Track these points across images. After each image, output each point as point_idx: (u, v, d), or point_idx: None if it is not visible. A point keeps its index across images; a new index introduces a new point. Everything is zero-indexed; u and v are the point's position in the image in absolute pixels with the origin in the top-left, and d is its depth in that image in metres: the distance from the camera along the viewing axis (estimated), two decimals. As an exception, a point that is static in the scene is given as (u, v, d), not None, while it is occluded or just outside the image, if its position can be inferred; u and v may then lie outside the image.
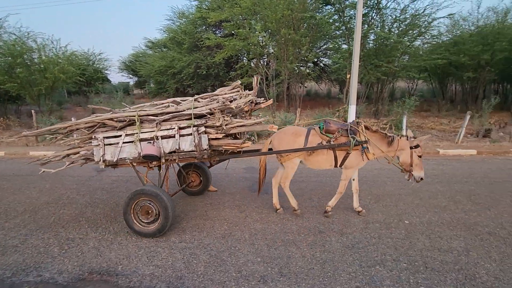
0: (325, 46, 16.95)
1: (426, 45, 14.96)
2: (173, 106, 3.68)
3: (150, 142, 3.40)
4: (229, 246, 3.27)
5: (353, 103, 8.94)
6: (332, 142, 3.71)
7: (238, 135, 3.89)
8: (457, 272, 2.76)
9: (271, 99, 4.37)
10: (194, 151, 3.42)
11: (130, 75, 28.51)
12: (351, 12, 12.88)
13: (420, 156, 3.74)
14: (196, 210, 4.31)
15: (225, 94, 3.82)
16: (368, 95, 17.28)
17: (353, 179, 4.07)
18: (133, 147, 3.47)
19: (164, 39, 19.17)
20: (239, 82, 4.10)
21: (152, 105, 3.91)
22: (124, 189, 5.33)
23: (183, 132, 3.41)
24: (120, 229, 3.76)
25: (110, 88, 21.65)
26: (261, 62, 14.74)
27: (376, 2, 12.59)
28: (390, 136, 3.79)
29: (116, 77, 49.62)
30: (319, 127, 3.86)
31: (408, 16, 12.72)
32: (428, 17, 12.62)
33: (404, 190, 4.96)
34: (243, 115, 3.90)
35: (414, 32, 13.35)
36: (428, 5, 12.67)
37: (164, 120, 3.47)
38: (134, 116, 3.47)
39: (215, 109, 3.38)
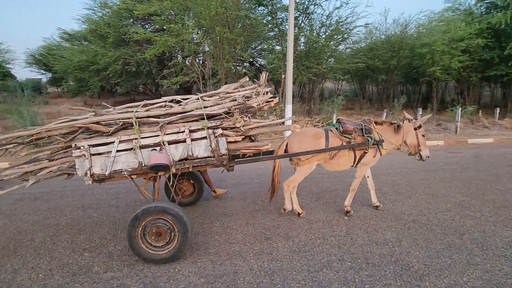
0: (260, 47, 17.14)
1: (348, 50, 16.37)
2: (175, 105, 3.12)
3: (155, 149, 2.84)
4: (167, 269, 2.83)
5: (289, 103, 9.13)
6: (352, 143, 3.63)
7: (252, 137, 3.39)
8: (394, 264, 2.87)
9: (277, 97, 3.58)
10: (211, 157, 2.98)
11: (42, 71, 24.42)
12: (283, 15, 13.24)
13: (423, 136, 3.87)
14: (125, 229, 3.70)
15: (239, 91, 3.34)
16: (301, 94, 18.15)
17: (368, 176, 4.08)
18: (132, 156, 2.89)
19: (84, 31, 16.80)
20: (246, 78, 3.68)
21: (144, 105, 3.19)
22: (32, 210, 4.33)
23: (195, 135, 2.94)
24: (21, 265, 2.96)
25: (15, 86, 18.09)
26: (197, 61, 14.10)
27: (305, 7, 13.15)
28: (395, 123, 3.88)
29: (23, 72, 42.21)
30: (336, 128, 3.72)
31: (333, 22, 13.66)
32: (350, 24, 13.78)
33: (340, 186, 5.16)
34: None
35: (339, 37, 14.41)
36: (349, 14, 13.82)
37: (169, 123, 2.94)
38: (130, 119, 2.89)
39: (234, 109, 2.98)
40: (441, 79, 14.61)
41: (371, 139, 3.65)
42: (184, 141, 2.94)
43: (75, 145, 2.81)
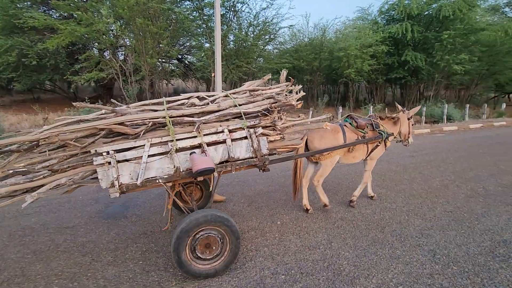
0: (188, 44, 16.22)
1: (276, 50, 16.77)
2: (198, 103, 2.86)
3: (195, 152, 2.57)
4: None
5: (219, 102, 8.70)
6: (366, 137, 3.82)
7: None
8: (326, 270, 2.75)
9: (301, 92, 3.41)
10: (252, 157, 2.80)
11: None
12: (210, 12, 12.68)
13: (413, 125, 4.34)
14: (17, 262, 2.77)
15: (271, 89, 3.18)
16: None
17: (366, 170, 4.22)
18: (166, 161, 2.54)
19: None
20: (269, 75, 3.49)
21: (168, 101, 2.82)
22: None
23: (235, 135, 2.73)
24: None
25: None
26: (118, 55, 12.47)
27: (231, 4, 12.85)
28: (395, 116, 4.20)
29: None
30: (350, 124, 3.87)
31: (260, 22, 13.71)
32: (276, 25, 14.05)
33: (273, 187, 5.00)
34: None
35: (266, 37, 14.58)
36: (275, 15, 14.12)
37: (204, 123, 2.67)
38: (162, 118, 2.56)
39: (274, 107, 2.87)
40: (355, 80, 16.17)
41: (384, 133, 3.91)
42: (224, 142, 2.71)
43: (96, 151, 2.35)
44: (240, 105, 2.87)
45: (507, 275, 2.61)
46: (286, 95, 3.14)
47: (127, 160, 2.44)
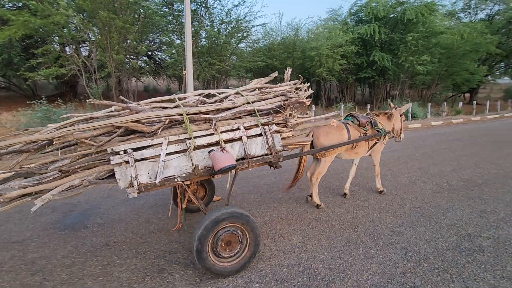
0: (159, 40, 15.54)
1: (249, 49, 16.59)
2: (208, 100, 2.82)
3: (214, 150, 2.55)
4: None
5: (191, 100, 8.35)
6: (367, 134, 3.98)
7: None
8: (301, 274, 2.65)
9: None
10: (267, 154, 2.85)
11: None
12: (181, 7, 12.20)
13: (404, 121, 4.57)
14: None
15: (280, 86, 3.25)
16: (205, 91, 17.49)
17: (355, 164, 4.47)
18: (184, 159, 2.50)
19: None
20: (276, 73, 3.56)
21: (178, 98, 2.76)
22: None
23: (250, 132, 2.76)
24: None
25: None
26: (81, 50, 11.57)
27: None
28: (388, 112, 4.43)
29: None
30: (352, 122, 4.04)
31: (233, 20, 13.46)
32: (248, 23, 13.87)
33: (247, 188, 4.84)
34: None
35: (239, 35, 14.36)
36: (247, 12, 13.92)
37: (220, 120, 2.67)
38: (180, 115, 2.51)
39: (287, 104, 2.93)
40: (327, 79, 16.47)
41: (383, 131, 4.12)
42: (240, 139, 2.71)
43: (112, 149, 2.27)
44: (252, 102, 2.87)
45: (473, 270, 2.68)
46: (296, 93, 3.19)
47: (144, 159, 2.37)
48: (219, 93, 2.98)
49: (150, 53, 17.06)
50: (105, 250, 3.02)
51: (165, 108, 2.62)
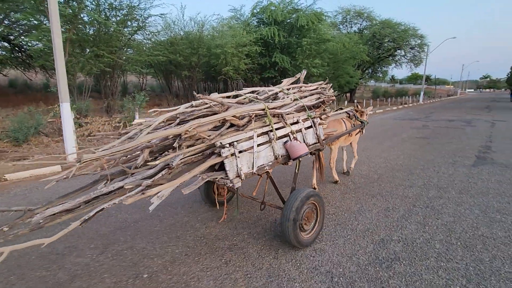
0: (26, 23, 11.75)
1: (148, 41, 14.52)
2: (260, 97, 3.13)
3: (289, 140, 2.90)
4: None
5: (66, 100, 6.30)
6: (355, 125, 4.75)
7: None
8: None
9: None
10: (316, 142, 3.32)
11: None
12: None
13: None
14: None
15: (311, 86, 3.66)
16: (98, 89, 14.51)
17: (344, 150, 5.43)
18: (269, 150, 2.74)
19: None
20: (304, 72, 3.91)
21: (235, 96, 3.04)
22: None
23: (305, 124, 3.18)
24: None
25: None
26: None
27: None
28: (362, 109, 5.06)
29: None
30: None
31: (124, 6, 11.33)
32: (144, 11, 11.98)
33: (139, 215, 3.68)
34: None
35: (134, 24, 12.30)
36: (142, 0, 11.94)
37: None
38: (263, 110, 2.70)
39: (325, 100, 3.46)
40: (234, 78, 16.11)
41: (365, 122, 4.89)
42: (300, 130, 3.08)
43: (221, 143, 2.35)
44: (300, 99, 3.23)
45: (397, 285, 2.45)
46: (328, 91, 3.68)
47: (244, 151, 2.52)
48: (268, 91, 3.28)
49: (12, 37, 12.89)
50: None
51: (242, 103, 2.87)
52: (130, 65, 12.97)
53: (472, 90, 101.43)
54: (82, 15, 10.49)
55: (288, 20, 17.27)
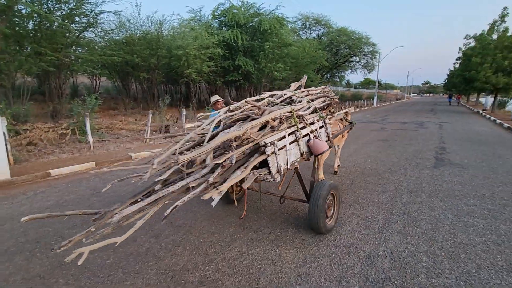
0: None
1: (101, 40, 13.14)
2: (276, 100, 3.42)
3: (311, 138, 3.20)
4: None
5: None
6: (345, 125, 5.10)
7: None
8: None
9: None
10: (327, 140, 3.61)
11: None
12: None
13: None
14: None
15: (316, 89, 4.14)
16: (42, 91, 12.71)
17: (338, 148, 5.74)
18: (296, 148, 3.04)
19: None
20: (305, 77, 4.39)
21: (257, 100, 3.18)
22: None
23: (319, 124, 3.47)
24: None
25: None
26: None
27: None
28: (347, 109, 5.46)
29: None
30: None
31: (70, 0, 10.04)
32: (94, 7, 10.76)
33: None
34: None
35: (83, 20, 10.99)
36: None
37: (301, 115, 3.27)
38: (289, 112, 3.04)
39: (334, 103, 4.06)
40: (196, 81, 15.36)
41: (355, 123, 5.33)
42: (315, 130, 3.38)
43: (264, 142, 2.58)
44: (312, 101, 3.64)
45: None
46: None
47: (280, 148, 2.74)
48: (283, 94, 3.52)
49: None
50: None
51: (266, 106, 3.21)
52: (79, 65, 11.57)
53: (415, 94, 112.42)
54: (18, 7, 9.02)
55: (251, 24, 17.06)
